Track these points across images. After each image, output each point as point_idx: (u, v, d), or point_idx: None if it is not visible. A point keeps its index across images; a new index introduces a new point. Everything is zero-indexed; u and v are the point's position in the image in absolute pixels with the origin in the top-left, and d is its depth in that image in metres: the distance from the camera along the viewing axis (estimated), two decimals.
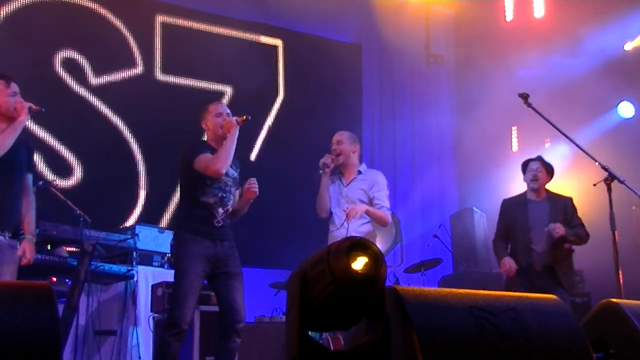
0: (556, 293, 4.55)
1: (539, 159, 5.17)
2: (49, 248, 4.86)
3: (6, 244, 3.82)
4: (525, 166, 5.19)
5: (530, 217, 5.04)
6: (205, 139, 4.33)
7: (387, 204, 4.66)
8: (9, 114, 3.90)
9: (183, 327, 3.83)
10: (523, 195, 5.21)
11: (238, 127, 4.13)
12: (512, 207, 5.16)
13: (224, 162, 4.03)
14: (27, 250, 3.88)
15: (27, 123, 4.05)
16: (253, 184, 4.17)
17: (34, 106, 3.96)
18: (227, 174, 4.14)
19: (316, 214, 4.83)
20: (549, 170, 5.16)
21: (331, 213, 4.72)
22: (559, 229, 4.84)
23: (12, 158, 3.90)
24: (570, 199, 5.13)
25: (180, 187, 4.33)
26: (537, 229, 4.98)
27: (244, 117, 4.17)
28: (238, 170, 4.29)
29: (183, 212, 4.16)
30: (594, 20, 7.22)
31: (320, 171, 4.65)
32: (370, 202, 4.62)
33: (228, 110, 4.29)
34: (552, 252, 4.95)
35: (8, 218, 3.87)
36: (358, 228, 4.54)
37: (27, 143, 4.12)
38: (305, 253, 5.13)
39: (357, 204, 4.57)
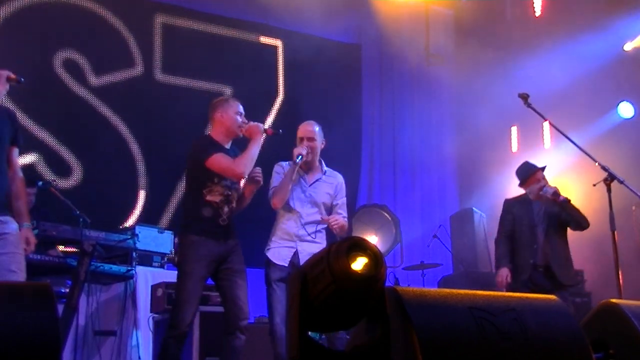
0: (556, 295, 4.63)
1: (540, 169, 5.14)
2: None
3: None
4: (526, 180, 5.13)
5: (536, 215, 5.07)
6: (209, 135, 4.25)
7: (346, 213, 4.50)
8: None
9: (184, 329, 3.84)
10: (525, 195, 5.21)
11: (264, 136, 4.14)
12: (517, 206, 5.17)
13: (248, 166, 4.01)
14: (30, 238, 3.59)
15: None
16: (258, 173, 4.12)
17: (11, 74, 3.65)
18: None
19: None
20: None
21: (289, 207, 4.38)
22: (554, 188, 4.91)
23: None
24: None
25: (187, 187, 4.24)
26: (541, 228, 5.04)
27: (276, 131, 4.20)
28: None
29: (190, 211, 4.10)
30: (593, 20, 7.21)
31: (298, 159, 4.22)
32: (332, 209, 4.43)
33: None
34: (548, 248, 5.00)
35: None
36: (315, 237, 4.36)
37: (8, 114, 3.79)
38: None
39: (322, 208, 4.37)
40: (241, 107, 4.25)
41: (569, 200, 4.95)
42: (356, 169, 8.24)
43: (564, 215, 4.98)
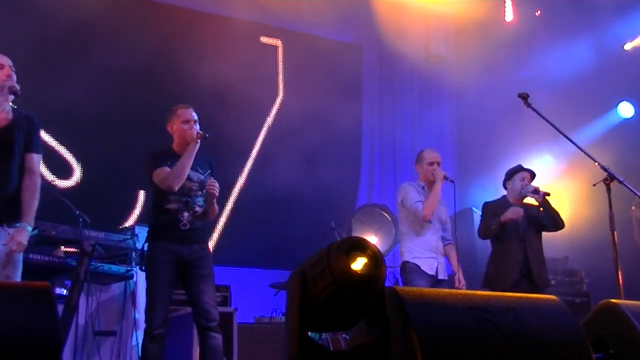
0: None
1: (528, 170, 5.26)
2: None
3: None
4: (512, 174, 5.29)
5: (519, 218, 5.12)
6: (170, 146, 4.31)
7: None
8: None
9: (154, 333, 3.93)
10: (505, 199, 5.33)
11: (197, 143, 4.14)
12: (500, 208, 5.22)
13: (177, 179, 4.07)
14: (14, 237, 3.37)
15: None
16: (212, 186, 4.16)
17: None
18: (191, 179, 4.18)
19: (321, 214, 4.87)
20: (532, 178, 5.29)
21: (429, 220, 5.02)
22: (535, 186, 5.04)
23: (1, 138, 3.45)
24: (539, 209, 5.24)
25: (150, 197, 4.37)
26: (524, 231, 5.12)
27: (203, 134, 4.16)
28: (208, 172, 4.28)
29: (151, 220, 4.24)
30: (594, 20, 7.22)
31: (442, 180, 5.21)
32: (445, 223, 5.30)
33: (196, 117, 4.28)
34: (530, 250, 5.09)
35: None
36: None
37: (26, 120, 3.59)
38: (305, 253, 5.13)
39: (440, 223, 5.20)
40: (190, 112, 4.27)
41: (549, 195, 5.03)
42: (356, 169, 8.24)
43: (542, 217, 5.04)
